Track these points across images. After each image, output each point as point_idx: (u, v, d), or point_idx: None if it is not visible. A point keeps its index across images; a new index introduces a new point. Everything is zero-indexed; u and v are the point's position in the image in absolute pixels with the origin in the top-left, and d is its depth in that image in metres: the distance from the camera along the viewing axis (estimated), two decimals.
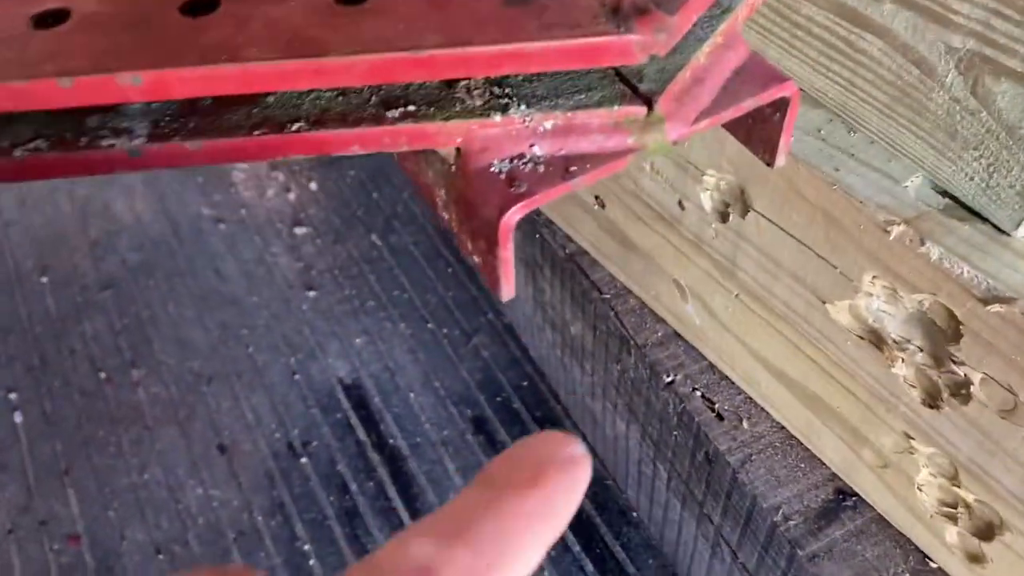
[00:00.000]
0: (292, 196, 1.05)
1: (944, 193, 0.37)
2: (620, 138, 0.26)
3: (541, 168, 0.25)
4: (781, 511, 0.53)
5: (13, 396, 0.86)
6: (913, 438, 0.44)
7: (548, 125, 0.25)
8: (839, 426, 0.50)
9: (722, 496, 0.57)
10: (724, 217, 0.48)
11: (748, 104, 0.28)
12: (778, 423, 0.55)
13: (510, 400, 0.85)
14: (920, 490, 0.46)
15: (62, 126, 0.25)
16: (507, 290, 0.27)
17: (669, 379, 0.58)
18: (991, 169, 0.34)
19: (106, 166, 0.25)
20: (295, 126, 0.25)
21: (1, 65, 0.23)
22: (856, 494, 0.52)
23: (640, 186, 0.55)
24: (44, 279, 0.97)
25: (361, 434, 0.83)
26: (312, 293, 0.94)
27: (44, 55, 0.23)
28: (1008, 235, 0.35)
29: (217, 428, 0.83)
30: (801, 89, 0.43)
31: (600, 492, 0.79)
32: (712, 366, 0.58)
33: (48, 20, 0.24)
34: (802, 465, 0.54)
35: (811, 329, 0.46)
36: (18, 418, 0.84)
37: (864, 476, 0.50)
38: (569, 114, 0.25)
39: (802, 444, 0.54)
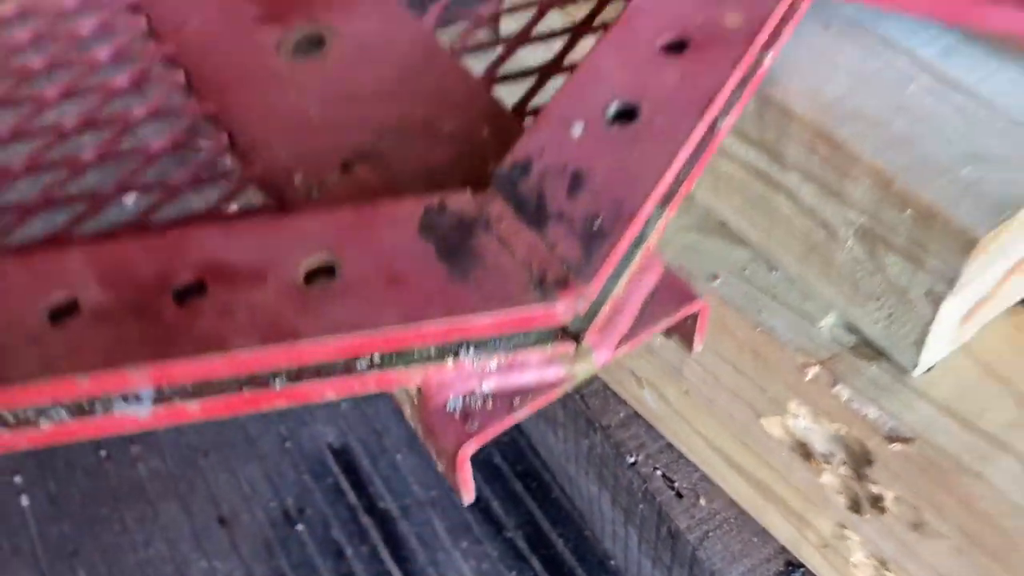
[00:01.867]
0: None
1: (854, 331, 0.42)
2: (555, 370, 0.30)
3: (490, 403, 0.30)
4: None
5: (18, 479, 0.90)
6: (846, 527, 0.49)
7: (493, 365, 0.30)
8: (784, 509, 0.55)
9: (686, 567, 0.62)
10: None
11: (664, 324, 0.32)
12: (732, 499, 0.60)
13: (491, 456, 0.90)
14: (856, 568, 0.51)
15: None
16: (467, 497, 0.32)
17: (632, 460, 0.63)
18: (890, 319, 0.39)
19: (118, 429, 0.29)
20: (276, 382, 0.29)
21: (25, 363, 0.27)
22: (804, 566, 0.57)
23: None
24: None
25: (352, 498, 0.88)
26: None
27: (61, 352, 0.28)
28: (910, 372, 0.40)
29: (216, 500, 0.88)
30: (725, 223, 0.47)
31: (580, 543, 0.84)
32: (671, 445, 0.63)
33: (61, 314, 0.29)
34: (755, 539, 0.59)
35: (749, 435, 0.51)
36: (25, 501, 0.88)
37: (809, 552, 0.55)
38: (511, 355, 0.30)
39: (754, 520, 0.60)
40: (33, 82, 0.42)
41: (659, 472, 0.62)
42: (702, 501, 0.61)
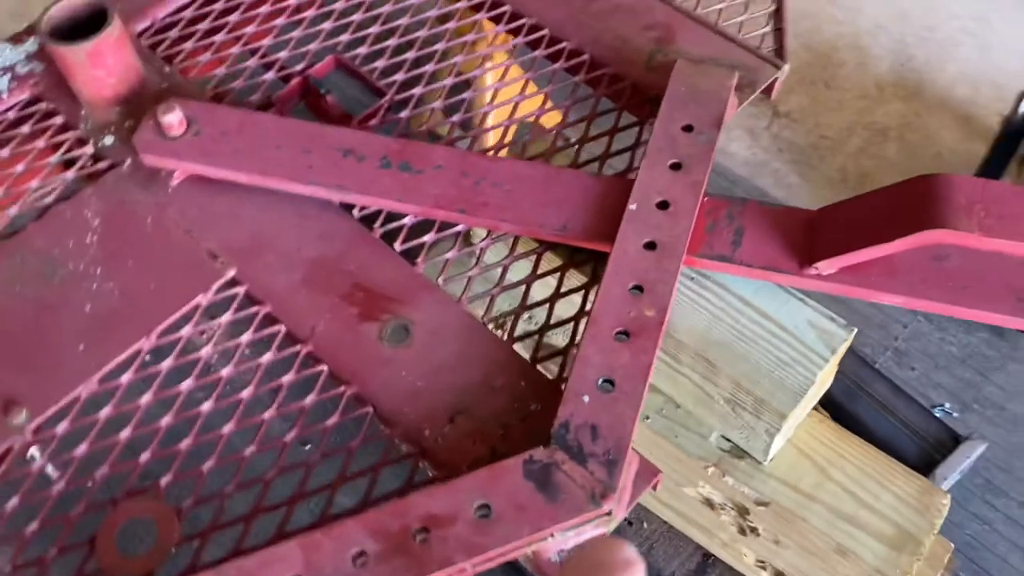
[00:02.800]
0: None
1: (729, 442, 0.74)
2: (599, 531, 0.60)
3: (570, 554, 0.59)
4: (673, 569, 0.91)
5: None
6: (737, 540, 0.82)
7: (572, 537, 0.59)
8: (699, 527, 0.87)
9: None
10: None
11: (644, 491, 0.62)
12: (665, 522, 0.92)
13: None
14: (745, 556, 0.85)
15: None
16: None
17: None
18: (747, 439, 0.71)
19: None
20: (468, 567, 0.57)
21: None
22: (714, 555, 0.90)
23: None
24: None
25: None
26: None
27: None
28: (762, 464, 0.72)
29: None
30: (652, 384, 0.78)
31: None
32: None
33: (356, 559, 0.55)
34: (681, 544, 0.91)
35: (677, 495, 0.82)
36: None
37: (717, 548, 0.88)
38: (580, 530, 0.59)
39: (680, 533, 0.92)
40: (250, 411, 0.66)
41: None
42: (645, 525, 0.92)
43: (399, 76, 0.84)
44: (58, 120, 0.80)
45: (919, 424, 1.10)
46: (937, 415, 1.16)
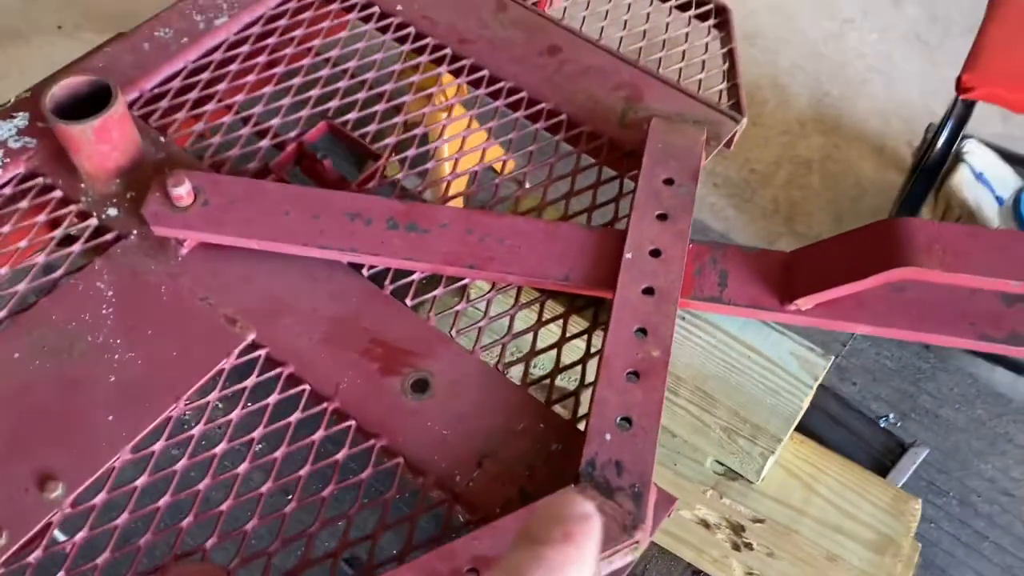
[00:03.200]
0: None
1: (724, 466, 0.81)
2: (629, 558, 0.65)
3: None
4: None
5: None
6: (728, 556, 0.88)
7: (607, 565, 0.64)
8: (691, 546, 0.93)
9: None
10: None
11: (663, 520, 0.68)
12: (658, 545, 0.98)
13: None
14: (734, 571, 0.91)
15: None
16: None
17: None
18: (741, 463, 0.78)
19: None
20: None
21: None
22: (704, 572, 0.96)
23: None
24: None
25: None
26: None
27: None
28: (754, 484, 0.79)
29: None
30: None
31: None
32: None
33: None
34: (672, 563, 0.97)
35: (674, 518, 0.88)
36: None
37: (707, 565, 0.94)
38: (614, 558, 0.64)
39: (671, 553, 0.98)
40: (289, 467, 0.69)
41: None
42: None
43: (391, 140, 0.88)
44: (57, 194, 0.82)
45: (868, 435, 1.20)
46: (883, 426, 1.26)
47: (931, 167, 1.32)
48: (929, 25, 2.01)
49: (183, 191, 0.76)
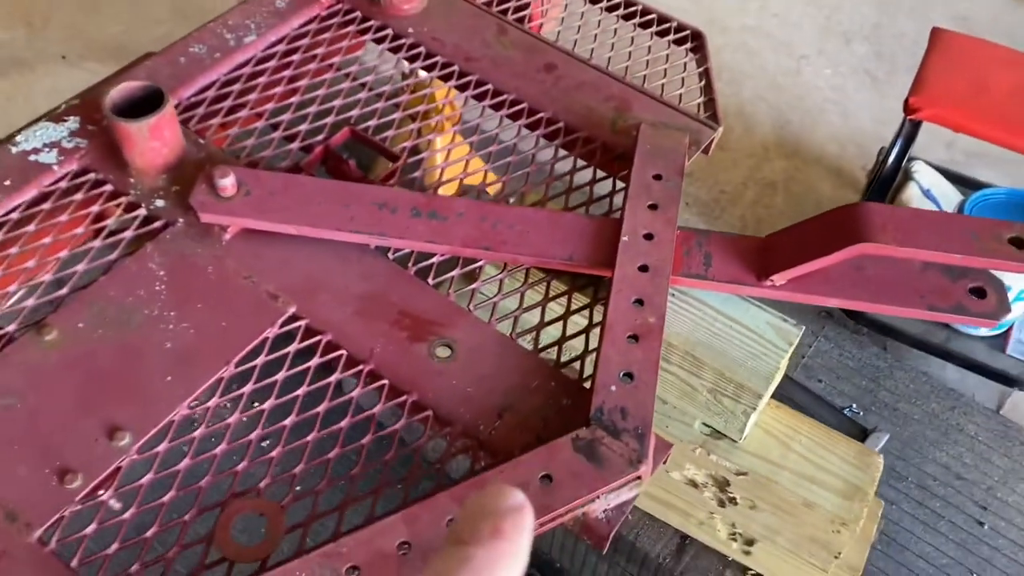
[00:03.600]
0: None
1: (710, 427, 0.90)
2: (633, 492, 0.74)
3: (612, 511, 0.73)
4: (657, 551, 1.06)
5: None
6: (713, 514, 0.97)
7: (613, 497, 0.73)
8: (677, 510, 1.02)
9: (625, 553, 1.08)
10: None
11: (660, 463, 0.77)
12: (644, 511, 1.07)
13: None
14: (718, 531, 1.00)
15: None
16: (603, 547, 0.75)
17: None
18: (726, 422, 0.88)
19: None
20: None
21: None
22: (690, 536, 1.05)
23: None
24: None
25: None
26: None
27: None
28: (737, 442, 0.89)
29: None
30: None
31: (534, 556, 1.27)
32: None
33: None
34: (662, 529, 1.06)
35: (661, 479, 0.98)
36: None
37: (693, 529, 1.03)
38: (620, 491, 0.73)
39: (659, 519, 1.07)
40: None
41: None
42: (629, 516, 1.07)
43: (407, 143, 0.99)
44: (108, 187, 0.90)
45: (834, 423, 1.31)
46: (848, 415, 1.37)
47: (884, 180, 1.46)
48: (877, 62, 2.18)
49: (228, 183, 0.85)
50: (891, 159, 1.43)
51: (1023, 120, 1.36)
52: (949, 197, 1.56)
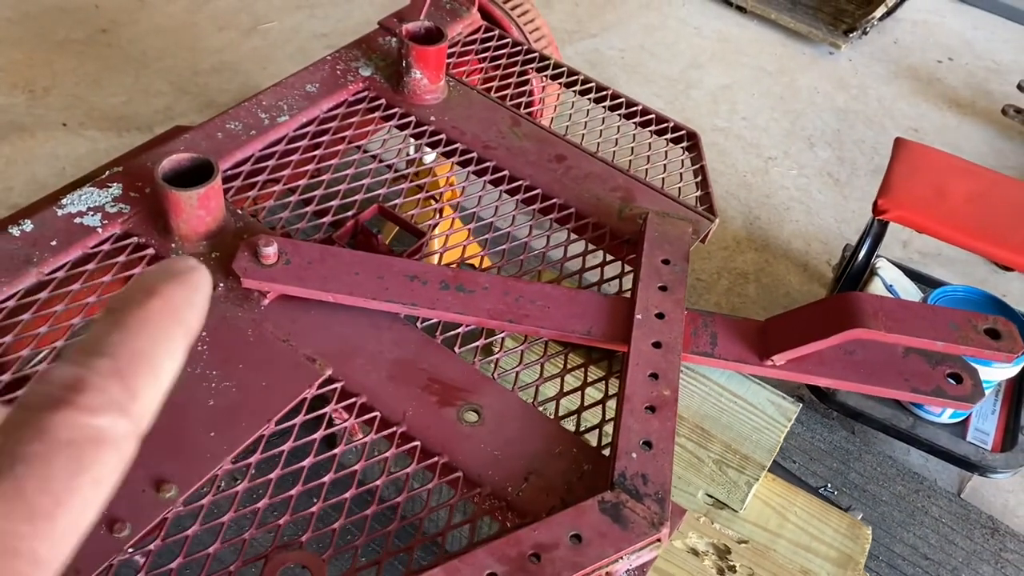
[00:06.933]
0: None
1: (713, 497, 0.96)
2: (653, 553, 0.79)
3: (634, 571, 0.78)
4: None
5: None
6: None
7: (636, 558, 0.78)
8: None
9: None
10: None
11: (677, 525, 0.83)
12: None
13: None
14: None
15: None
16: None
17: None
18: (728, 493, 0.94)
19: None
20: None
21: None
22: None
23: None
24: None
25: None
26: None
27: None
28: (738, 512, 0.95)
29: None
30: None
31: None
32: None
33: None
34: None
35: (671, 547, 1.02)
36: None
37: None
38: (643, 552, 0.78)
39: None
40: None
41: None
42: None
43: (431, 221, 1.05)
44: (151, 251, 0.95)
45: None
46: (824, 494, 1.43)
47: (854, 275, 1.57)
48: (838, 165, 2.34)
49: (271, 251, 0.91)
50: (861, 255, 1.55)
51: (978, 224, 1.48)
52: (910, 292, 1.68)
